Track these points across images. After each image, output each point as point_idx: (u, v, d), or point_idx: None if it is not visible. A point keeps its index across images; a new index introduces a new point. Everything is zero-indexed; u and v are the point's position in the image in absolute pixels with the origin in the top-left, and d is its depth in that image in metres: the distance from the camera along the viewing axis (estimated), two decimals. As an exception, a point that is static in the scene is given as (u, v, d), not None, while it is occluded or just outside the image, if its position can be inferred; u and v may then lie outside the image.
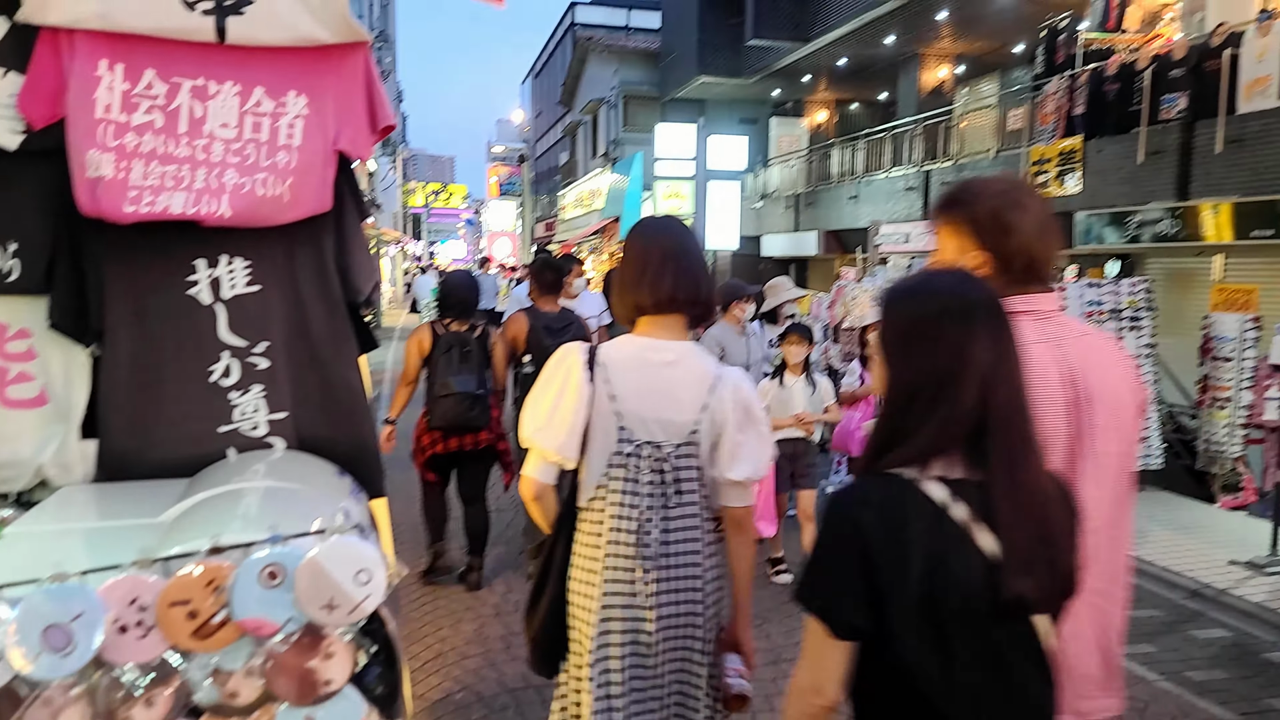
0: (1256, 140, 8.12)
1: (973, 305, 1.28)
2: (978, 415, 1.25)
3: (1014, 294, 1.54)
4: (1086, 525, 1.41)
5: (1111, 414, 1.57)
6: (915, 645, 1.24)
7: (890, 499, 1.25)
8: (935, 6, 13.76)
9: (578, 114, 28.94)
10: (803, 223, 18.02)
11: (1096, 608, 1.58)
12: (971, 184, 1.68)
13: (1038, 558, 1.24)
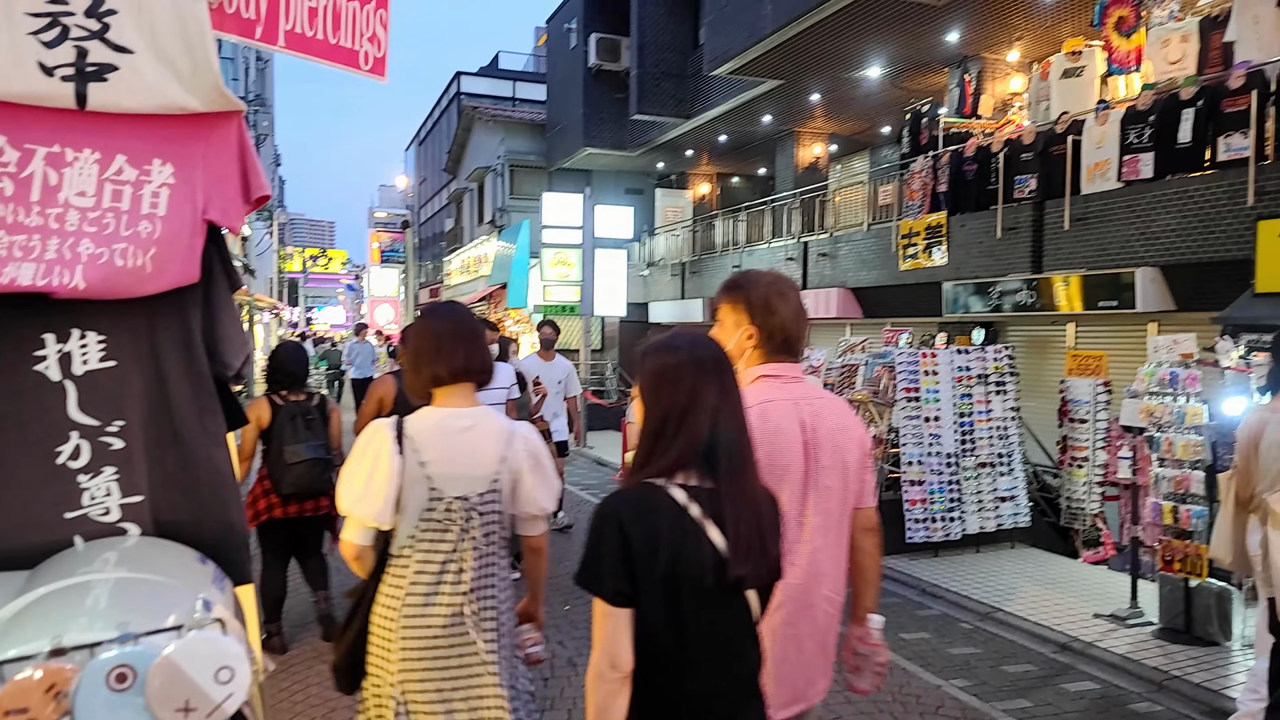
0: (1099, 219, 8.85)
1: (705, 359, 1.71)
2: (709, 439, 1.65)
3: (772, 361, 2.10)
4: (813, 542, 2.03)
5: (834, 456, 2.07)
6: (659, 612, 1.59)
7: (644, 500, 1.63)
8: (807, 89, 14.55)
9: (463, 181, 28.94)
10: (689, 290, 18.43)
11: (827, 613, 2.10)
12: (749, 275, 2.17)
13: (753, 548, 1.63)
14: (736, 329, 2.14)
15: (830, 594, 2.11)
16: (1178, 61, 8.75)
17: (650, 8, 17.76)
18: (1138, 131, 8.39)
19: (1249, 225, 7.22)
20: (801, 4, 11.31)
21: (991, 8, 10.76)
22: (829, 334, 14.39)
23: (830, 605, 2.12)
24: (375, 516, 2.15)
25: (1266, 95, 7.33)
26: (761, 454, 1.82)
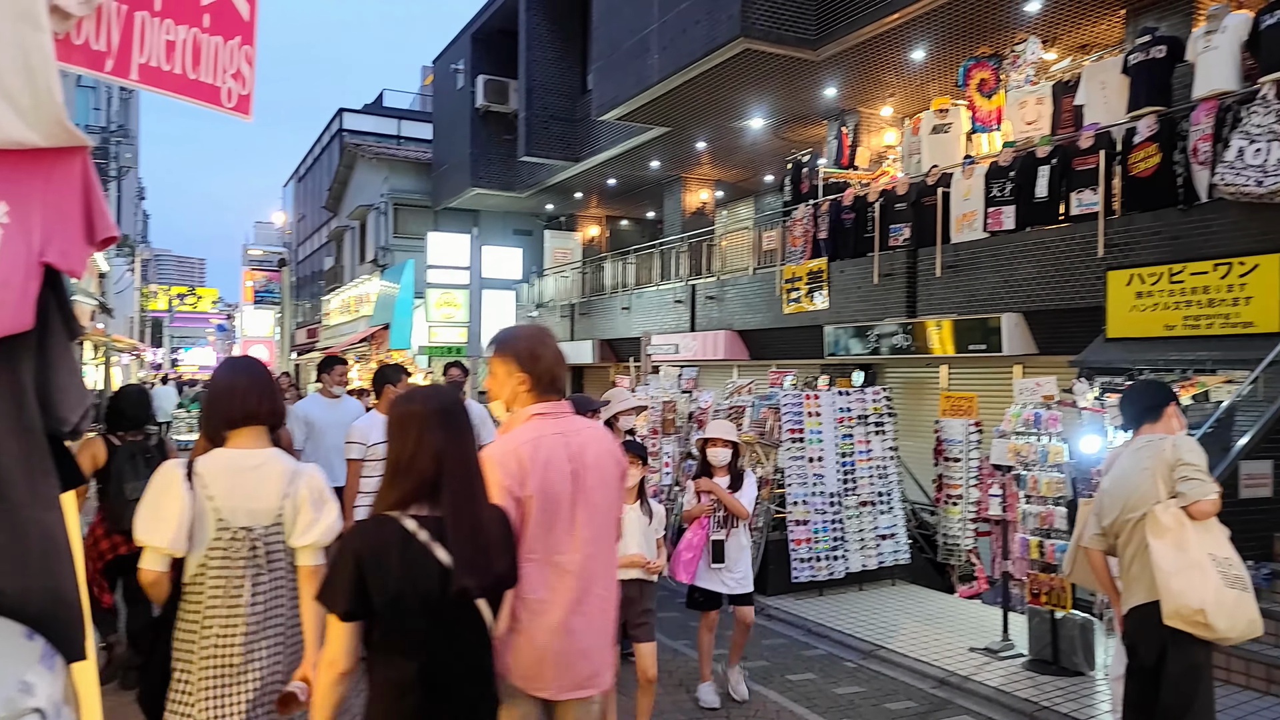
0: (967, 266, 9.33)
1: (435, 410, 2.06)
2: (435, 477, 2.00)
3: (542, 400, 2.50)
4: (585, 550, 2.45)
5: (599, 477, 2.51)
6: (397, 624, 1.95)
7: (377, 530, 1.99)
8: (694, 137, 14.89)
9: (345, 219, 28.17)
10: (578, 332, 18.39)
11: (603, 611, 2.52)
12: (512, 330, 2.60)
13: (476, 564, 1.99)
14: (509, 378, 2.52)
15: (603, 593, 2.52)
16: (1034, 122, 9.39)
17: (538, 52, 17.87)
18: (1000, 186, 8.93)
19: (1100, 275, 7.74)
20: (686, 55, 11.60)
21: (865, 65, 11.31)
22: (717, 375, 14.58)
23: (604, 603, 2.53)
24: (170, 543, 2.38)
25: (1113, 155, 7.93)
26: (536, 480, 2.35)
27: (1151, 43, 8.05)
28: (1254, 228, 6.77)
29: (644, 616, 4.16)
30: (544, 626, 2.40)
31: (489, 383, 2.59)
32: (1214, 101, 7.17)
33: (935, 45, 10.54)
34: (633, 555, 4.05)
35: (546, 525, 2.39)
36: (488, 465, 2.32)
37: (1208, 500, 3.29)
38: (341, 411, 6.24)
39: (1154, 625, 3.33)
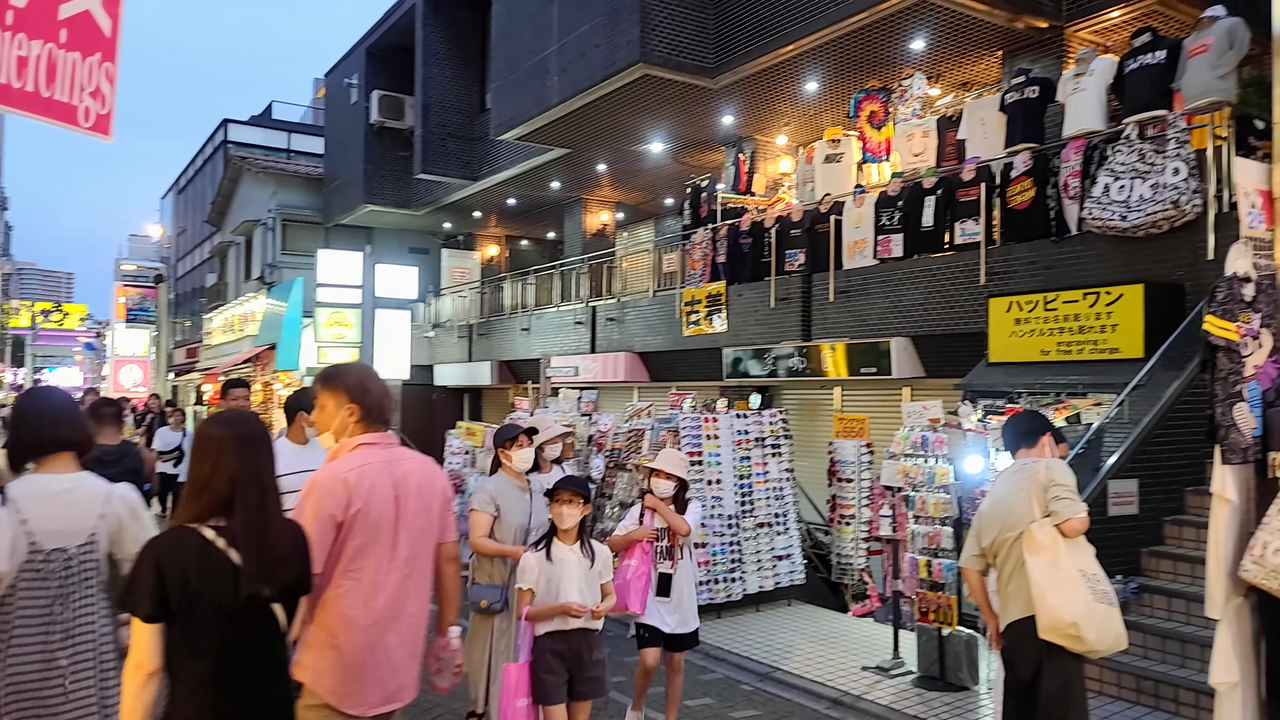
0: (859, 292, 9.60)
1: (234, 435, 2.28)
2: (230, 494, 2.22)
3: (370, 431, 2.69)
4: (403, 571, 2.63)
5: (421, 503, 2.72)
6: (193, 625, 2.12)
7: (177, 539, 2.18)
8: (594, 159, 14.92)
9: (229, 234, 26.99)
10: (476, 353, 18.07)
11: (413, 626, 2.69)
12: (339, 367, 2.84)
13: (267, 571, 2.20)
14: (339, 410, 2.70)
15: (415, 611, 2.69)
16: (920, 154, 9.78)
17: (435, 69, 17.60)
18: (889, 214, 9.24)
19: (982, 301, 8.08)
20: (586, 78, 11.61)
21: (761, 95, 11.57)
22: (618, 397, 14.55)
23: (416, 620, 2.70)
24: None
25: (993, 187, 8.32)
26: (360, 504, 2.54)
27: (1026, 83, 8.51)
28: (1119, 260, 7.20)
29: (594, 669, 3.79)
30: (362, 642, 2.54)
31: (316, 415, 2.76)
32: (1082, 140, 7.61)
33: (827, 78, 10.87)
34: (564, 603, 3.68)
35: (368, 546, 2.56)
36: (314, 490, 2.55)
37: (1078, 518, 3.50)
38: None
39: (1030, 639, 3.49)
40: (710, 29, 11.05)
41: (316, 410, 2.77)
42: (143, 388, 29.96)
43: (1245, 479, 4.04)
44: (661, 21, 10.73)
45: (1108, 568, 3.71)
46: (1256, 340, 4.06)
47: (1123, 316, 6.87)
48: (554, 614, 3.68)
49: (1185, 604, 5.23)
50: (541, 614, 3.69)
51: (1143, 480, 5.84)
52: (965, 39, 9.64)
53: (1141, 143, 6.99)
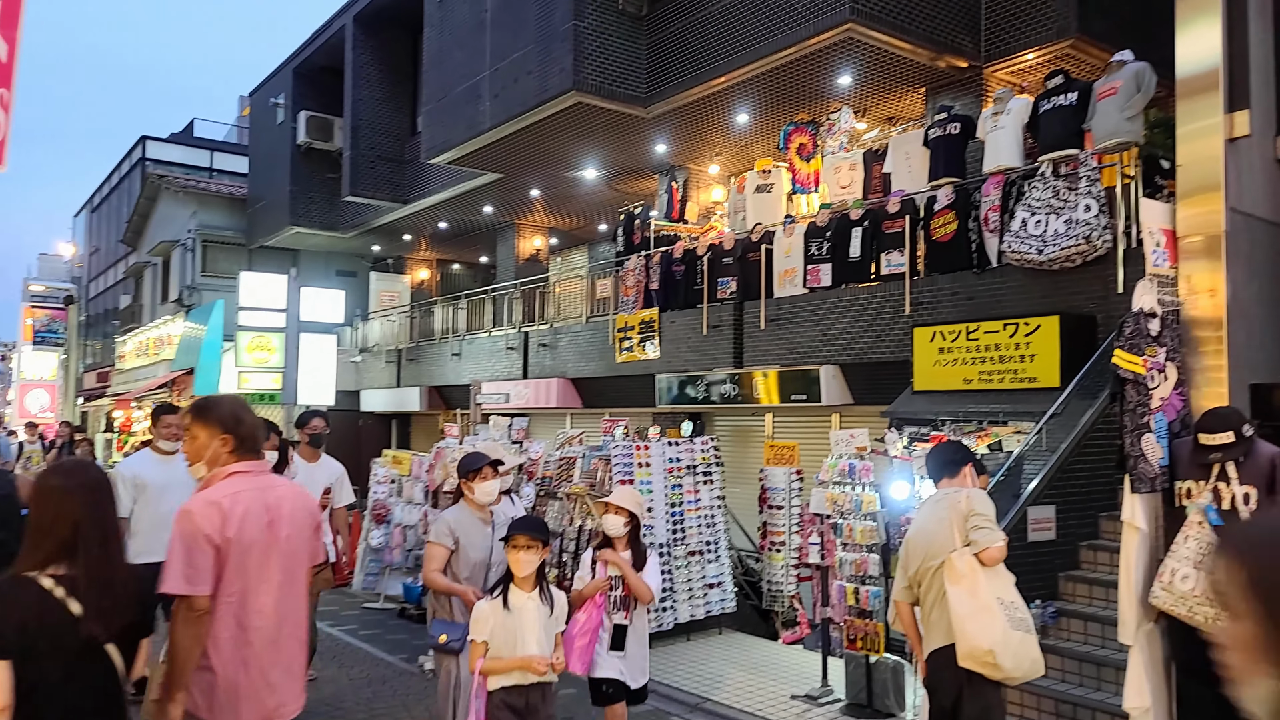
0: (789, 320, 9.73)
1: (74, 484, 2.43)
2: (73, 540, 2.35)
3: (243, 460, 2.79)
4: (277, 594, 2.74)
5: (294, 528, 2.84)
6: (34, 669, 2.24)
7: (14, 587, 2.30)
8: (527, 184, 14.87)
9: (145, 255, 26.05)
10: (405, 378, 17.74)
11: (291, 646, 2.79)
12: (211, 398, 2.93)
13: (105, 613, 2.34)
14: (212, 439, 2.80)
15: (291, 631, 2.80)
16: (847, 186, 10.00)
17: (365, 91, 17.37)
18: (818, 244, 9.41)
19: (907, 331, 8.27)
20: (519, 104, 11.59)
21: (694, 125, 11.71)
22: (550, 424, 14.43)
23: (292, 639, 2.81)
24: None
25: (917, 220, 8.55)
26: (232, 530, 2.64)
27: (948, 120, 8.79)
28: (1036, 291, 7.45)
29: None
30: (236, 661, 2.65)
31: (187, 445, 2.85)
32: (1001, 176, 7.89)
33: (758, 110, 11.07)
34: (526, 658, 3.44)
35: (242, 569, 2.67)
36: (188, 517, 2.64)
37: (996, 547, 3.58)
38: (178, 470, 5.14)
39: (951, 667, 3.55)
40: (643, 59, 11.16)
41: (188, 440, 2.86)
42: (50, 413, 28.57)
43: (1154, 507, 4.20)
44: (595, 50, 10.80)
45: (1028, 593, 3.79)
46: (1162, 373, 4.23)
47: (1040, 347, 7.10)
48: (513, 668, 3.44)
49: (1101, 627, 5.38)
50: (499, 668, 3.46)
51: (1060, 506, 6.01)
52: (890, 76, 9.94)
53: (1056, 180, 7.28)
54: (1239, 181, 4.43)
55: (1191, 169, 4.44)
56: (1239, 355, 4.29)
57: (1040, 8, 9.14)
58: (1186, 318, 4.37)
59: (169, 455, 5.37)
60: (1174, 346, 4.30)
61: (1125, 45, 7.72)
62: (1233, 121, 4.39)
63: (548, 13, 11.10)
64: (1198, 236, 4.36)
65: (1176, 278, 4.41)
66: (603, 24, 10.86)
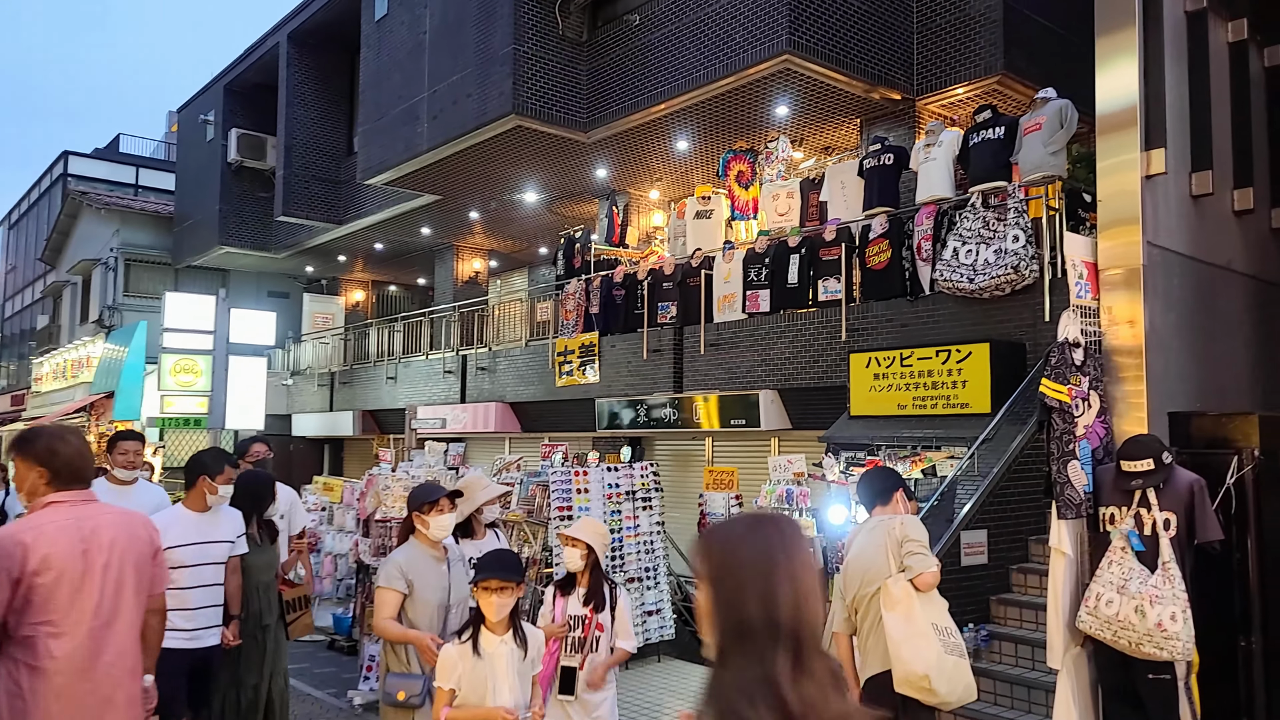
0: (729, 345, 9.79)
1: None
2: None
3: (62, 491, 2.83)
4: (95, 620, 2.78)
5: (114, 556, 2.86)
6: None
7: None
8: (466, 206, 14.75)
9: (65, 274, 25.09)
10: (338, 402, 17.34)
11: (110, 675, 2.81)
12: (32, 430, 2.96)
13: None
14: (29, 472, 2.84)
15: (112, 660, 2.84)
16: (785, 214, 10.15)
17: (300, 110, 17.06)
18: (756, 270, 9.51)
19: (843, 357, 8.39)
20: (457, 126, 11.51)
21: (634, 150, 11.78)
22: (487, 449, 14.25)
23: (113, 668, 2.84)
24: None
25: (852, 248, 8.71)
26: (34, 563, 2.66)
27: (881, 150, 9.00)
28: (968, 319, 7.64)
29: None
30: (48, 690, 2.69)
31: (15, 479, 2.91)
32: (933, 206, 8.09)
33: (697, 137, 11.18)
34: (497, 710, 3.13)
35: (52, 599, 2.70)
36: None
37: (930, 573, 3.63)
38: (132, 503, 4.72)
39: (887, 693, 3.57)
40: (584, 84, 11.20)
41: (13, 474, 2.93)
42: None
43: (1079, 533, 4.30)
44: (535, 74, 10.79)
45: (961, 616, 3.84)
46: (1086, 402, 4.36)
47: (971, 373, 7.26)
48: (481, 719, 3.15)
49: (1031, 650, 5.48)
50: (465, 718, 3.16)
51: (991, 530, 6.12)
52: (826, 107, 10.14)
53: (985, 210, 7.49)
54: (1156, 217, 4.60)
55: (1111, 203, 4.61)
56: (1157, 384, 4.44)
57: (969, 45, 9.45)
58: (1108, 347, 4.51)
59: (125, 485, 5.02)
60: (1097, 376, 4.44)
61: (1048, 83, 8.01)
62: (1149, 159, 4.57)
63: (487, 36, 11.08)
64: (1118, 269, 4.51)
65: (1099, 309, 4.56)
66: (543, 49, 10.87)
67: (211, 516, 4.39)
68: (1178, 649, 3.76)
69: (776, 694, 1.36)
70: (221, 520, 4.46)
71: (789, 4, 8.77)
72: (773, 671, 1.38)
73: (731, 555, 1.47)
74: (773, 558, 1.46)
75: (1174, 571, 3.85)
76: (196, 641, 4.30)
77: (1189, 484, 3.95)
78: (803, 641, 1.42)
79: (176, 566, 4.13)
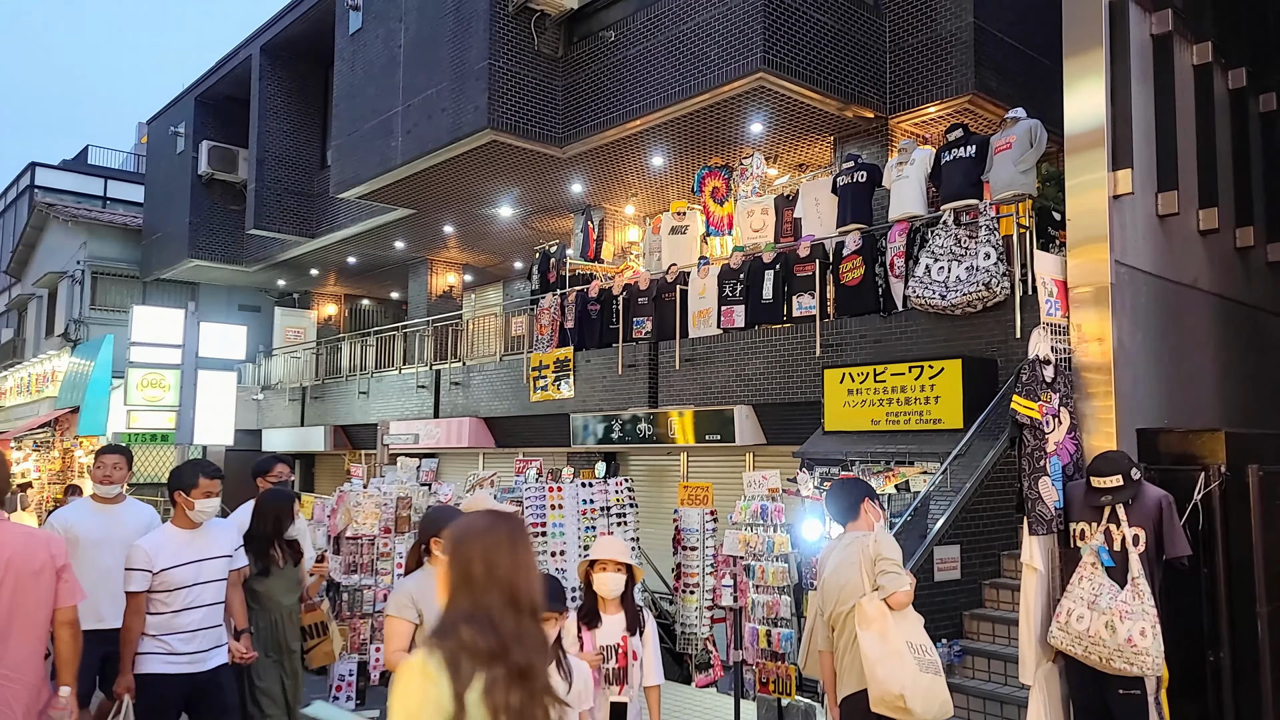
0: (704, 360, 9.80)
1: None
2: None
3: None
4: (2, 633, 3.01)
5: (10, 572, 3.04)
6: None
7: None
8: (440, 220, 14.69)
9: (30, 286, 24.67)
10: (309, 417, 17.15)
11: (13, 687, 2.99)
12: None
13: None
14: None
15: (8, 673, 2.99)
16: (760, 230, 10.20)
17: (272, 122, 16.93)
18: (731, 286, 9.54)
19: (818, 372, 8.42)
20: (432, 141, 11.47)
21: (609, 166, 11.79)
22: (460, 464, 14.13)
23: (10, 682, 3.00)
24: None
25: (826, 264, 8.76)
26: None
27: (855, 168, 9.08)
28: (940, 335, 7.70)
29: None
30: None
31: None
32: (906, 223, 8.17)
33: (673, 153, 11.23)
34: None
35: None
36: None
37: (902, 591, 3.62)
38: (118, 523, 4.58)
39: (864, 712, 3.55)
40: (559, 100, 11.21)
41: None
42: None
43: (1050, 548, 4.32)
44: (510, 89, 10.79)
45: (934, 632, 3.84)
46: (1056, 418, 4.39)
47: (944, 389, 7.31)
48: None
49: (1004, 665, 5.50)
50: None
51: (964, 545, 6.15)
52: (800, 124, 10.23)
53: (957, 228, 7.57)
54: (1124, 236, 4.67)
55: (1080, 222, 4.66)
56: (1126, 401, 4.49)
57: (940, 66, 9.58)
58: (1078, 364, 4.56)
59: (109, 504, 4.68)
60: (1066, 393, 4.48)
61: (1018, 103, 8.13)
62: (1117, 179, 4.64)
63: (462, 51, 11.07)
64: (1087, 287, 4.56)
65: (1068, 326, 4.60)
66: (518, 64, 10.88)
67: (202, 532, 4.13)
68: (1148, 664, 3.78)
69: (490, 621, 1.86)
70: (214, 535, 4.20)
71: (763, 23, 8.85)
72: (488, 607, 1.88)
73: (468, 529, 1.99)
74: (497, 534, 1.98)
75: (1143, 587, 3.88)
76: (199, 664, 4.05)
77: (1157, 500, 3.99)
78: (518, 596, 1.92)
79: (172, 589, 3.96)
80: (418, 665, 1.83)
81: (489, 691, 1.80)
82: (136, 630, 3.92)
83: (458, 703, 1.79)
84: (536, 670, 1.88)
